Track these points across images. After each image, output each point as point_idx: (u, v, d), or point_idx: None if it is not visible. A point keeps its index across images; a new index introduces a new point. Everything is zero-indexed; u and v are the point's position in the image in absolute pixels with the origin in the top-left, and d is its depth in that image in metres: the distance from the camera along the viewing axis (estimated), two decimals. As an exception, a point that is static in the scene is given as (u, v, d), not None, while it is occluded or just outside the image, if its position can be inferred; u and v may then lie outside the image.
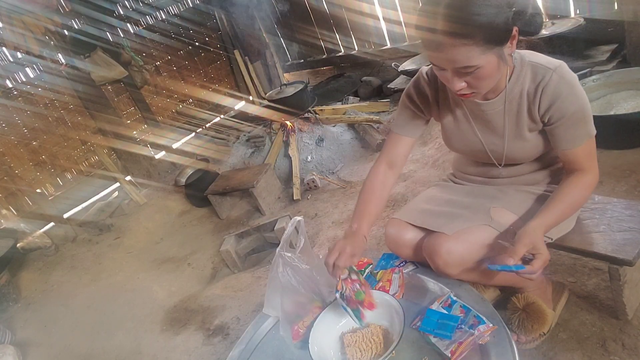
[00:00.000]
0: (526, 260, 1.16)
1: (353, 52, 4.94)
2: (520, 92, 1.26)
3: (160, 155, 4.76)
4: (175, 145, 4.88)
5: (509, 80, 1.27)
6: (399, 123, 1.51)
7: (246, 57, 5.28)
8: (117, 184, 4.42)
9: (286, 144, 3.88)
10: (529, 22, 1.12)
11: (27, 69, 3.97)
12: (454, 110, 1.41)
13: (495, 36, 1.08)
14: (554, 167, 1.46)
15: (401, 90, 4.12)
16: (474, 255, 1.32)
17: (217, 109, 5.29)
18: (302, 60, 5.57)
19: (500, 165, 1.45)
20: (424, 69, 1.45)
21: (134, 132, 4.59)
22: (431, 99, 1.43)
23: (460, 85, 1.16)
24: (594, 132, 1.26)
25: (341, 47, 5.05)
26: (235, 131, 4.88)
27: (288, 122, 3.94)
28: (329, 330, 1.32)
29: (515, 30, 1.11)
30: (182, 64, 5.06)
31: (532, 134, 1.32)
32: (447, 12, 1.05)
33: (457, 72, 1.14)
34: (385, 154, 1.53)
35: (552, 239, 1.44)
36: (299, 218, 1.49)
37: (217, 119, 5.27)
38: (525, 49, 1.31)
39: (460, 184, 1.63)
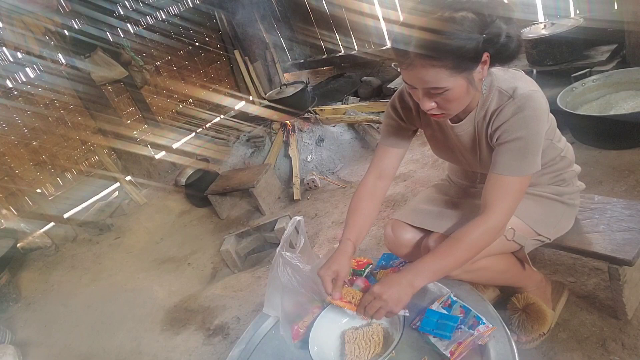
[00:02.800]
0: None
1: (353, 52, 4.94)
2: (485, 115, 1.27)
3: (160, 155, 4.76)
4: (175, 145, 4.88)
5: (477, 104, 1.27)
6: (384, 135, 1.51)
7: (246, 57, 5.28)
8: (117, 184, 4.41)
9: (286, 144, 3.88)
10: (501, 50, 1.11)
11: (27, 69, 3.97)
12: (431, 124, 1.42)
13: (465, 61, 1.10)
14: (548, 169, 1.44)
15: (401, 91, 4.12)
16: (474, 255, 1.32)
17: (217, 109, 5.29)
18: (302, 60, 5.57)
19: (478, 178, 1.48)
20: None
21: (134, 132, 4.59)
22: (414, 111, 1.43)
23: (429, 105, 1.18)
24: (529, 172, 1.22)
25: (341, 47, 5.06)
26: (235, 131, 4.88)
27: (288, 122, 3.94)
28: (329, 330, 1.32)
29: (486, 56, 1.11)
30: (182, 64, 5.06)
31: None
32: (420, 34, 1.08)
33: (427, 92, 1.16)
34: (374, 165, 1.52)
35: (550, 239, 1.44)
36: (299, 218, 1.49)
37: (217, 119, 5.27)
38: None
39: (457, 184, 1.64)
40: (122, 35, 4.39)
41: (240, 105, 5.41)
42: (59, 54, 4.01)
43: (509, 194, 1.22)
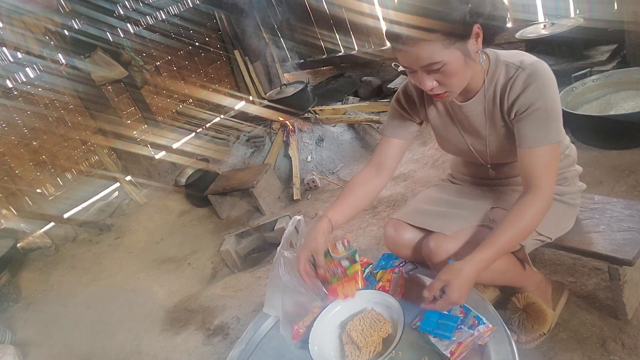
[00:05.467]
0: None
1: (353, 52, 4.94)
2: (494, 91, 1.28)
3: (160, 155, 4.76)
4: (175, 145, 4.88)
5: (484, 81, 1.29)
6: (388, 127, 1.52)
7: (246, 57, 5.28)
8: (117, 184, 4.41)
9: (286, 144, 3.88)
10: (490, 18, 1.15)
11: (27, 69, 3.97)
12: (439, 113, 1.43)
13: (454, 31, 1.12)
14: None
15: (401, 91, 4.12)
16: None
17: (217, 109, 5.29)
18: (302, 60, 5.57)
19: (487, 164, 1.46)
20: None
21: (134, 132, 4.59)
22: (418, 103, 1.45)
23: (430, 84, 1.19)
24: (558, 139, 1.23)
25: (341, 47, 5.05)
26: (235, 131, 4.88)
27: (288, 122, 3.94)
28: (329, 330, 1.32)
29: (477, 27, 1.15)
30: (182, 64, 5.06)
31: (512, 133, 1.31)
32: (407, 14, 1.13)
33: (426, 70, 1.17)
34: (375, 155, 1.53)
35: (551, 239, 1.44)
36: (299, 217, 1.49)
37: (217, 119, 5.27)
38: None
39: (458, 184, 1.64)
40: (122, 35, 4.39)
41: (240, 105, 5.41)
42: (59, 54, 4.01)
43: (546, 164, 1.22)
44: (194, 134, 5.09)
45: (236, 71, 5.43)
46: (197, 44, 5.14)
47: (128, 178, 4.45)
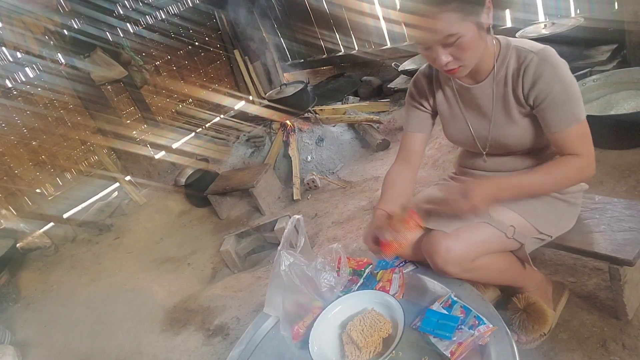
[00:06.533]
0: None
1: (353, 52, 4.93)
2: (506, 74, 1.31)
3: (160, 155, 4.76)
4: (175, 145, 4.88)
5: (495, 62, 1.32)
6: (407, 122, 1.59)
7: (246, 57, 5.28)
8: (117, 184, 4.41)
9: (286, 144, 3.87)
10: None
11: (27, 69, 3.97)
12: (447, 97, 1.48)
13: (470, 3, 1.17)
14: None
15: (401, 90, 4.12)
16: (474, 253, 1.32)
17: (217, 108, 5.29)
18: (302, 60, 5.57)
19: (484, 152, 1.48)
20: (421, 69, 1.54)
21: (134, 132, 4.59)
22: (427, 91, 1.51)
23: (446, 58, 1.22)
24: (583, 116, 1.27)
25: (341, 47, 5.05)
26: (235, 131, 4.88)
27: (288, 122, 3.93)
28: (329, 330, 1.32)
29: (489, 1, 1.19)
30: (182, 64, 5.06)
31: (522, 118, 1.34)
32: None
33: (442, 44, 1.20)
34: (400, 153, 1.61)
35: (551, 237, 1.44)
36: (298, 217, 1.49)
37: (217, 119, 5.27)
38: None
39: (459, 181, 1.63)
40: (121, 35, 4.39)
41: (240, 105, 5.40)
42: (59, 54, 4.01)
43: (581, 138, 1.27)
44: (193, 133, 5.09)
45: (236, 71, 5.43)
46: (196, 43, 5.14)
47: (128, 178, 4.45)
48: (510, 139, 1.38)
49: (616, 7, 2.90)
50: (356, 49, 4.91)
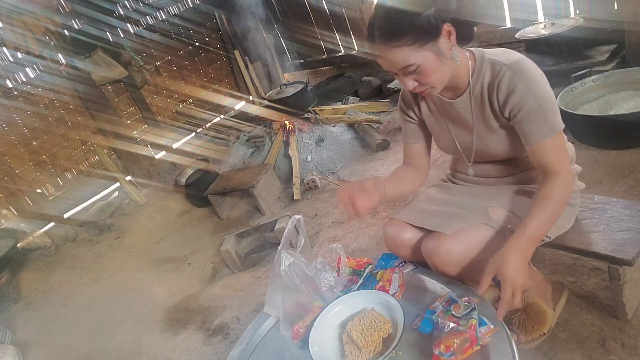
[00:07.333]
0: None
1: (353, 52, 4.94)
2: (482, 88, 1.32)
3: (160, 155, 4.76)
4: (175, 145, 4.88)
5: (471, 77, 1.32)
6: (403, 135, 1.62)
7: (246, 57, 5.28)
8: (117, 184, 4.42)
9: (286, 144, 3.88)
10: (458, 14, 1.18)
11: (27, 69, 3.97)
12: (431, 110, 1.50)
13: (423, 34, 1.17)
14: (522, 174, 1.47)
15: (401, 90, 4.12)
16: (473, 254, 1.32)
17: (217, 109, 5.29)
18: (302, 60, 5.57)
19: (469, 162, 1.50)
20: None
21: (134, 132, 4.59)
22: (414, 104, 1.53)
23: (411, 84, 1.25)
24: (560, 127, 1.26)
25: (341, 47, 5.05)
26: (235, 131, 4.88)
27: (288, 122, 3.94)
28: (329, 330, 1.32)
29: (447, 25, 1.18)
30: (182, 64, 5.07)
31: (500, 127, 1.35)
32: (378, 24, 1.20)
33: (403, 72, 1.23)
34: (404, 160, 1.64)
35: (550, 238, 1.44)
36: (298, 216, 1.49)
37: (217, 119, 5.27)
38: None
39: (458, 184, 1.64)
40: (122, 35, 4.39)
41: (240, 105, 5.41)
42: (59, 54, 4.01)
43: (556, 152, 1.27)
44: (194, 134, 5.10)
45: (236, 71, 5.43)
46: (197, 44, 5.14)
47: (128, 178, 4.46)
48: (492, 149, 1.41)
49: (616, 8, 2.91)
50: (356, 49, 4.91)
